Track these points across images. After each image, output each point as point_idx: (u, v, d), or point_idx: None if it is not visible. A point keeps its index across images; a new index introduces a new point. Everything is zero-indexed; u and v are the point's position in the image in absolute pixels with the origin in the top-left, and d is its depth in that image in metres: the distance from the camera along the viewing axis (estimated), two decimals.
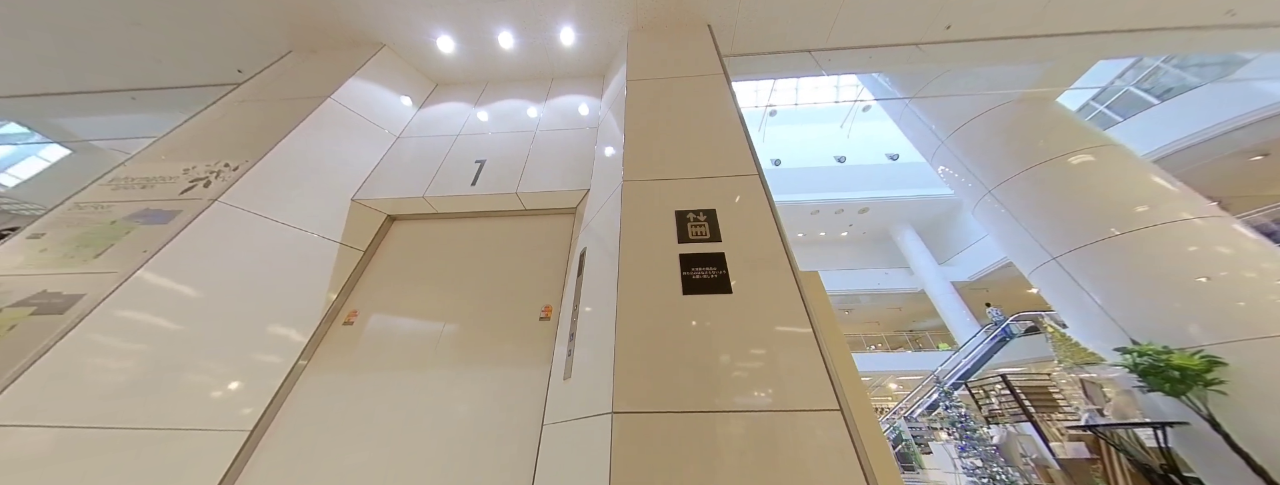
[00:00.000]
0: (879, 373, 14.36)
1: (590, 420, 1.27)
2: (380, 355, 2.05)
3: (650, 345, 1.32)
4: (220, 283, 1.83)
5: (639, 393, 1.21)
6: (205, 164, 2.11)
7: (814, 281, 1.67)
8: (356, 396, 1.90)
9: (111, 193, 1.99)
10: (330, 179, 2.47)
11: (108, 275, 1.58)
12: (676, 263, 1.53)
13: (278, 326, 1.99)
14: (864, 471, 1.05)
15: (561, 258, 2.34)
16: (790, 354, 1.28)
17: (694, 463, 1.08)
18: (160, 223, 1.78)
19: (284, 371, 1.94)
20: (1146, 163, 4.16)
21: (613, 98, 2.83)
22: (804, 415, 1.15)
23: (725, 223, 1.67)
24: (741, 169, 1.91)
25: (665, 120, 2.26)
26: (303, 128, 2.41)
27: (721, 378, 1.23)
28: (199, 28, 3.25)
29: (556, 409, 1.62)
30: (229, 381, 1.77)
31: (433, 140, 2.99)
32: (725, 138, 2.09)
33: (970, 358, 9.83)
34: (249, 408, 1.79)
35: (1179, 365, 2.65)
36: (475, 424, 1.76)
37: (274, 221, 2.09)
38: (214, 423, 1.67)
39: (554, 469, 1.45)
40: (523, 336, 2.02)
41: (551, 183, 2.53)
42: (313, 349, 2.07)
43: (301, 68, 3.09)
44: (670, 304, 1.42)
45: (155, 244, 1.69)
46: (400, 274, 2.43)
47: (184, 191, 1.94)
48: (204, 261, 1.81)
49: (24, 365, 1.32)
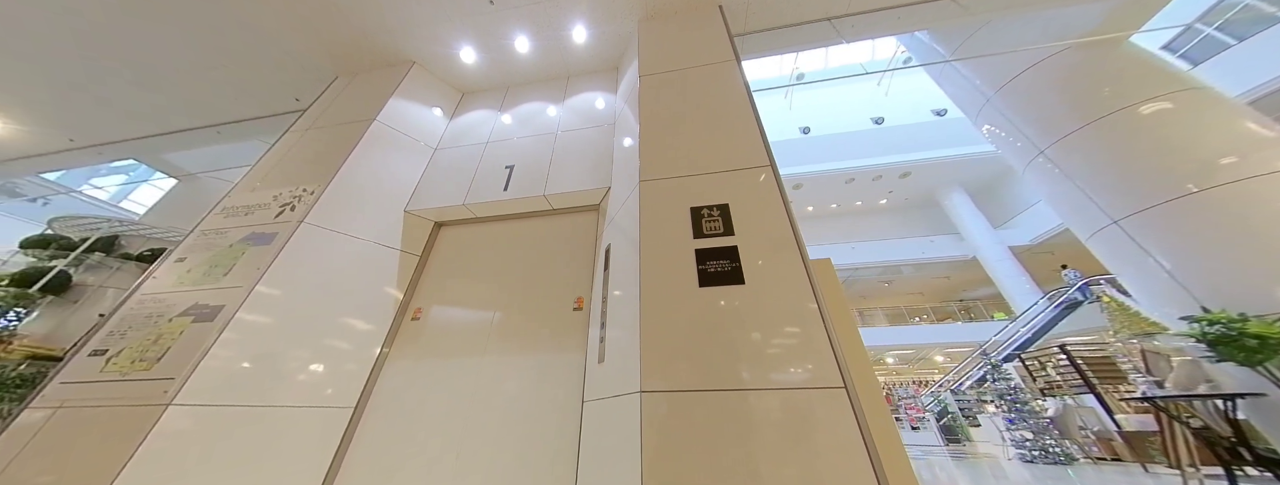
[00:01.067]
0: (922, 345, 13.81)
1: (623, 398, 1.49)
2: (443, 344, 2.41)
3: (671, 332, 1.49)
4: (313, 289, 2.22)
5: (663, 374, 1.40)
6: (289, 190, 2.49)
7: (825, 268, 1.74)
8: (428, 379, 2.27)
9: (224, 220, 2.43)
10: (385, 194, 2.81)
11: (236, 289, 1.99)
12: (692, 257, 1.67)
13: (360, 323, 2.38)
14: (866, 443, 1.18)
15: (589, 252, 2.55)
16: (799, 337, 1.41)
17: (714, 435, 1.26)
18: (265, 244, 2.18)
19: (371, 360, 2.34)
20: (1239, 105, 3.60)
21: (627, 91, 2.91)
22: (811, 392, 1.29)
23: (738, 216, 1.77)
24: (753, 161, 1.97)
25: (678, 115, 2.33)
26: (357, 150, 2.74)
27: (737, 360, 1.38)
28: (260, 65, 3.69)
29: (594, 388, 1.87)
30: (330, 369, 2.18)
31: (466, 149, 3.25)
32: (737, 128, 2.14)
33: (1030, 327, 9.22)
34: (349, 390, 2.21)
35: (1257, 333, 2.44)
36: (525, 401, 2.06)
37: (347, 235, 2.46)
38: (325, 402, 2.10)
39: (596, 439, 1.70)
40: (560, 325, 2.28)
41: (575, 183, 2.71)
42: (390, 340, 2.46)
43: (348, 92, 3.43)
44: (688, 296, 1.57)
45: (264, 262, 2.08)
46: (451, 274, 2.76)
47: (277, 216, 2.34)
48: (299, 273, 2.19)
49: (196, 360, 1.74)
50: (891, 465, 1.17)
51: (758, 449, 1.20)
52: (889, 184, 13.87)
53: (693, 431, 1.27)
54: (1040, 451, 5.05)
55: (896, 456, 1.25)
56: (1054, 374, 6.48)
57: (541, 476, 1.83)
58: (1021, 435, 5.41)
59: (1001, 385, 5.94)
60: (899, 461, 1.24)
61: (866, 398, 1.28)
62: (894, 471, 1.16)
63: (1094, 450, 5.11)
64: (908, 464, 1.24)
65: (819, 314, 1.44)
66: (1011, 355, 8.47)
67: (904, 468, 1.24)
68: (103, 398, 1.73)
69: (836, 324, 1.44)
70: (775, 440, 1.21)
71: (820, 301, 1.47)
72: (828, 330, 1.40)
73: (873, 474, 1.13)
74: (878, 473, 1.13)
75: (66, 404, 1.75)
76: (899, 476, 1.17)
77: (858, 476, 1.12)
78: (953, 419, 8.62)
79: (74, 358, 1.92)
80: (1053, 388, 6.25)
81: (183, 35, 3.49)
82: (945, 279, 14.71)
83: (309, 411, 2.02)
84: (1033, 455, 5.11)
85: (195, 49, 3.60)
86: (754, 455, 1.19)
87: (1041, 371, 6.81)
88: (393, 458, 2.03)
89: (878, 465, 1.14)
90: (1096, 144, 3.73)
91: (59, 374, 1.86)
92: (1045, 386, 6.45)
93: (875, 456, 1.16)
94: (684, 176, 1.98)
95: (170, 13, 3.30)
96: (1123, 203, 3.50)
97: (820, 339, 1.38)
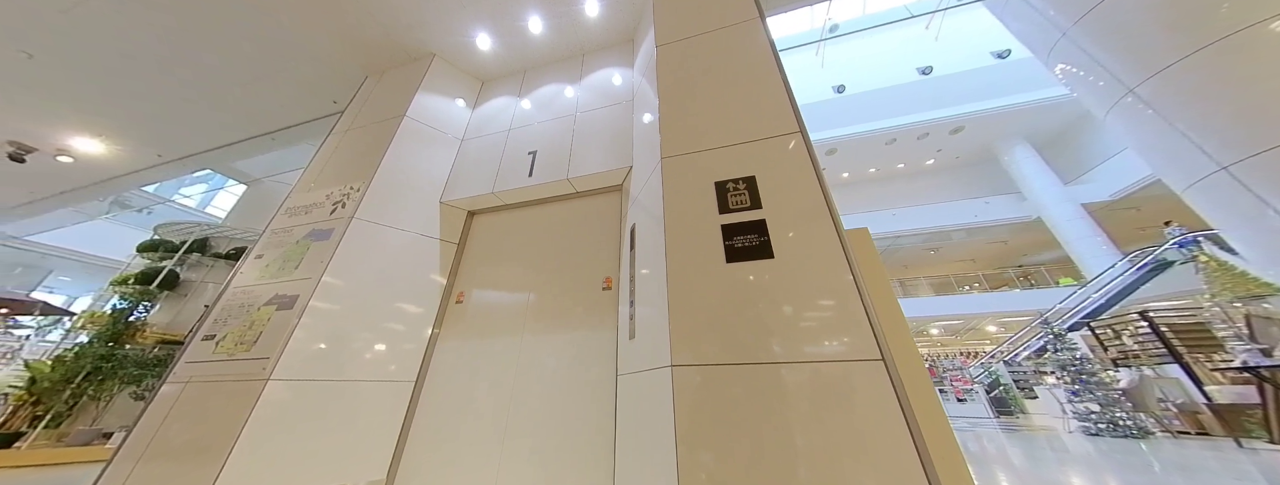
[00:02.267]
0: (972, 315, 12.96)
1: (655, 372, 1.54)
2: (485, 324, 2.59)
3: (700, 309, 1.50)
4: (369, 278, 2.44)
5: (693, 349, 1.42)
6: (338, 189, 2.70)
7: (861, 238, 1.65)
8: (474, 356, 2.47)
9: (289, 219, 2.69)
10: (421, 187, 2.96)
11: (307, 280, 2.23)
12: (719, 233, 1.64)
13: (412, 307, 2.60)
14: (905, 415, 1.16)
15: (614, 233, 2.58)
16: (833, 310, 1.37)
17: (747, 406, 1.28)
18: (324, 239, 2.40)
19: (424, 340, 2.58)
20: None
21: (644, 64, 2.80)
22: (846, 365, 1.27)
23: (766, 188, 1.70)
24: (781, 128, 1.85)
25: (699, 83, 2.22)
26: (392, 147, 2.88)
27: (768, 334, 1.38)
28: (300, 72, 3.94)
29: (626, 362, 1.95)
30: (391, 348, 2.43)
31: (489, 138, 3.32)
32: (763, 94, 2.01)
33: (1104, 292, 8.34)
34: (409, 366, 2.46)
35: None
36: (563, 374, 2.20)
37: (393, 228, 2.65)
38: (390, 377, 2.35)
39: (631, 410, 1.80)
40: (590, 304, 2.37)
41: (597, 164, 2.71)
42: (439, 322, 2.68)
43: (377, 91, 3.57)
44: (715, 272, 1.56)
45: (326, 256, 2.31)
46: (487, 259, 2.91)
47: (332, 213, 2.55)
48: (356, 264, 2.41)
49: (284, 342, 2.00)
50: (934, 437, 1.14)
51: (793, 421, 1.21)
52: (937, 141, 12.61)
53: (725, 403, 1.30)
54: (1108, 424, 4.70)
55: (939, 429, 1.22)
56: (1130, 343, 5.90)
57: (584, 438, 1.98)
58: (1086, 408, 5.05)
59: (1065, 355, 5.50)
60: (943, 434, 1.21)
61: (907, 370, 1.24)
62: (937, 443, 1.14)
63: (1175, 424, 4.69)
64: (952, 436, 1.20)
65: (854, 286, 1.38)
66: (1078, 324, 7.76)
67: (948, 440, 1.21)
68: (218, 374, 2.05)
69: (874, 295, 1.38)
70: (810, 412, 1.21)
71: (856, 273, 1.41)
72: (864, 302, 1.35)
73: (913, 446, 1.11)
74: (918, 445, 1.11)
75: (193, 379, 2.09)
76: (943, 448, 1.15)
77: (897, 448, 1.11)
78: (1005, 391, 8.18)
79: (192, 342, 2.27)
80: (1128, 358, 5.71)
81: (233, 52, 3.78)
82: (1002, 243, 13.49)
83: (378, 385, 2.29)
84: (1098, 428, 4.78)
85: (244, 64, 3.90)
86: (789, 426, 1.20)
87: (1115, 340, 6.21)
88: (452, 424, 2.27)
89: (918, 437, 1.12)
90: (1205, 75, 3.13)
91: (184, 355, 2.22)
92: (1118, 356, 5.90)
93: (915, 428, 1.13)
94: (707, 150, 1.91)
95: (221, 33, 3.58)
96: (1235, 144, 2.97)
97: (856, 311, 1.34)
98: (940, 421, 1.24)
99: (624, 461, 1.76)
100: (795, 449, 1.17)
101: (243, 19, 3.45)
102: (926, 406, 1.21)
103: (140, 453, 1.91)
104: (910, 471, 1.07)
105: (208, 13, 3.45)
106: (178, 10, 3.43)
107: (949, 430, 1.20)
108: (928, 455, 1.09)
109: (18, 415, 3.48)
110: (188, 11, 3.44)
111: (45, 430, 3.40)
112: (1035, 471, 2.83)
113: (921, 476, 1.06)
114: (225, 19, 3.47)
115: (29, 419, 3.46)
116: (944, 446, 1.16)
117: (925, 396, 1.25)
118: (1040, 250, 13.48)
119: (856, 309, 1.34)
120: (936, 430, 1.19)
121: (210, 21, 3.50)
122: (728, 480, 1.18)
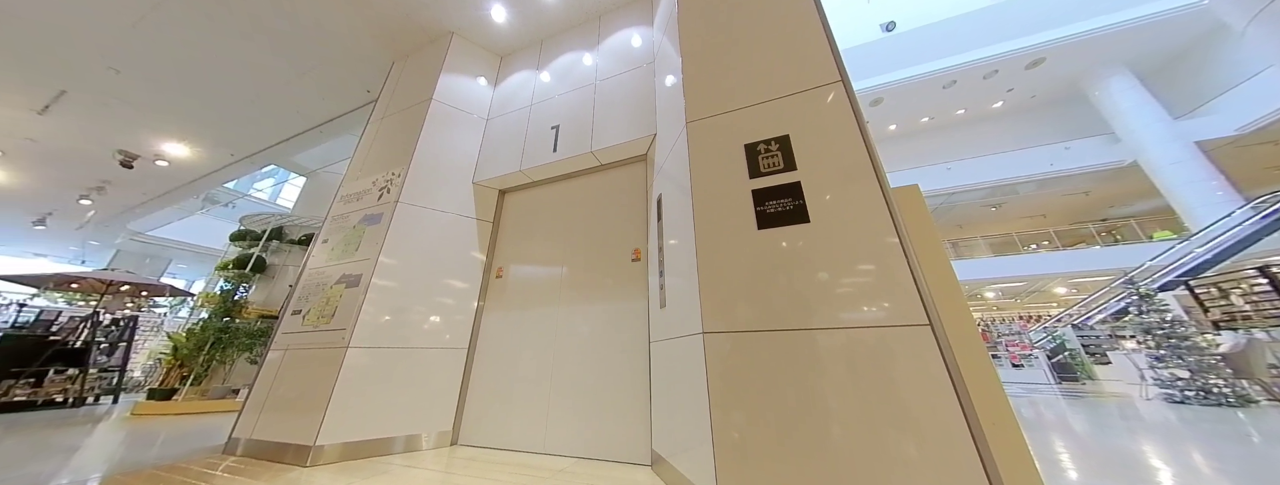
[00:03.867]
0: (1037, 276, 11.80)
1: (687, 339, 1.58)
2: (524, 296, 2.75)
3: (731, 276, 1.48)
4: (419, 257, 2.64)
5: (724, 316, 1.42)
6: (382, 175, 2.87)
7: (910, 196, 1.50)
8: (517, 326, 2.66)
9: (344, 206, 2.93)
10: (454, 168, 3.07)
11: (366, 261, 2.46)
12: (749, 199, 1.57)
13: (458, 282, 2.81)
14: (954, 383, 1.10)
15: (641, 204, 2.56)
16: (875, 274, 1.29)
17: (782, 374, 1.25)
18: (376, 224, 2.60)
19: (472, 312, 2.80)
20: None
21: (665, 19, 2.60)
22: (888, 331, 1.21)
23: (800, 148, 1.58)
24: (818, 78, 1.68)
25: (726, 34, 2.03)
26: (424, 132, 2.98)
27: (804, 300, 1.34)
28: (334, 63, 4.12)
29: (658, 330, 2.01)
30: (444, 320, 2.66)
31: (513, 116, 3.32)
32: (798, 40, 1.81)
33: (1211, 246, 7.22)
34: (461, 335, 2.70)
35: None
36: (599, 342, 2.32)
37: (433, 209, 2.80)
38: (446, 345, 2.61)
39: (665, 375, 1.87)
40: (621, 275, 2.42)
41: (619, 135, 2.64)
42: (483, 295, 2.88)
43: (405, 76, 3.64)
44: (746, 239, 1.51)
45: (380, 238, 2.51)
46: (520, 236, 3.03)
47: (379, 198, 2.74)
48: (406, 244, 2.61)
49: (355, 316, 2.26)
50: (986, 406, 1.09)
51: (828, 387, 1.20)
52: (1008, 79, 10.89)
53: (756, 369, 1.31)
54: (1197, 392, 4.24)
55: (992, 397, 1.15)
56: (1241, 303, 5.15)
57: (621, 399, 2.12)
58: (1171, 374, 4.56)
59: (1152, 318, 4.91)
60: (997, 402, 1.14)
61: (958, 335, 1.17)
62: (988, 410, 1.08)
63: None
64: (1007, 405, 1.13)
65: (900, 248, 1.29)
66: (1173, 283, 6.84)
67: (1002, 409, 1.14)
68: (308, 343, 2.38)
69: (923, 257, 1.28)
70: (848, 379, 1.19)
71: (902, 234, 1.31)
72: (911, 265, 1.26)
73: (961, 412, 1.07)
74: (967, 413, 1.07)
75: (289, 348, 2.45)
76: (996, 417, 1.09)
77: (943, 416, 1.07)
78: (1070, 356, 7.57)
79: (285, 316, 2.62)
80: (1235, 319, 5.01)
81: (276, 52, 3.99)
82: (1083, 195, 11.84)
83: (438, 351, 2.55)
84: (1185, 395, 4.33)
85: (287, 60, 4.12)
86: (824, 392, 1.20)
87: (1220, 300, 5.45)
88: (503, 385, 2.51)
89: (967, 405, 1.08)
90: None
91: (279, 327, 2.59)
92: (1223, 318, 5.19)
93: (964, 396, 1.08)
94: (736, 111, 1.78)
95: (262, 32, 3.77)
96: None
97: (901, 274, 1.26)
98: (994, 389, 1.17)
99: (660, 420, 1.87)
100: (831, 414, 1.17)
101: (278, 14, 3.58)
102: (978, 373, 1.14)
103: (261, 405, 2.31)
104: (958, 441, 1.04)
105: (248, 11, 3.60)
106: (221, 13, 3.61)
107: (1004, 399, 1.13)
108: (978, 424, 1.05)
109: (170, 375, 4.32)
110: (230, 13, 3.62)
111: (191, 388, 4.22)
112: (1100, 439, 2.65)
113: (970, 446, 1.03)
114: (262, 15, 3.62)
115: (178, 378, 4.30)
116: (997, 415, 1.11)
117: (978, 363, 1.17)
118: (1132, 200, 11.72)
119: (902, 273, 1.26)
120: (989, 399, 1.13)
121: (251, 20, 3.67)
122: (760, 441, 1.22)
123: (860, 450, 1.10)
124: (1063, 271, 11.01)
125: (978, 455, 1.02)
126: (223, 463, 2.02)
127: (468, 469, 1.91)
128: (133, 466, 1.94)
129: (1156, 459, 2.15)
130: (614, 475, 1.79)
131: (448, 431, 2.44)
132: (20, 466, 1.93)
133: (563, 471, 1.85)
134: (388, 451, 2.19)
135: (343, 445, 2.05)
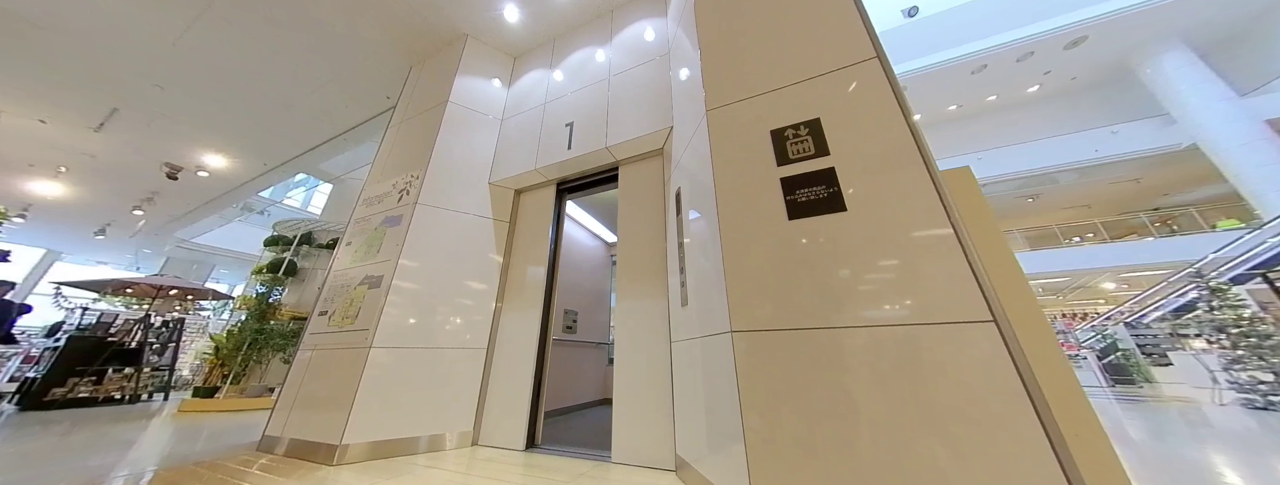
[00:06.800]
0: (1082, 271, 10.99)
1: (712, 338, 1.48)
2: (540, 298, 2.70)
3: (760, 272, 1.37)
4: (439, 258, 2.64)
5: (752, 315, 1.31)
6: (402, 178, 2.90)
7: (962, 179, 1.35)
8: (534, 326, 2.61)
9: (366, 209, 2.98)
10: (470, 169, 3.08)
11: (388, 262, 2.48)
12: (778, 188, 1.46)
13: (477, 284, 2.80)
14: (1027, 387, 0.97)
15: (659, 200, 2.47)
16: (925, 265, 1.16)
17: (820, 376, 1.14)
18: (397, 225, 2.62)
19: (490, 312, 2.78)
20: None
21: (679, 8, 2.51)
22: (944, 328, 1.08)
23: (833, 131, 1.46)
24: (852, 55, 1.55)
25: (747, 14, 1.92)
26: (441, 134, 3.00)
27: (842, 295, 1.22)
28: (355, 70, 4.23)
29: (679, 330, 1.92)
30: (465, 321, 2.66)
31: (527, 115, 3.30)
32: (826, 13, 1.68)
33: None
34: (481, 335, 2.69)
35: None
36: (618, 341, 2.23)
37: (451, 210, 2.81)
38: (467, 344, 2.60)
39: (686, 375, 1.78)
40: (639, 274, 2.34)
41: (635, 129, 2.57)
42: (500, 296, 2.86)
43: (422, 80, 3.69)
44: (776, 232, 1.40)
45: (400, 239, 2.53)
46: (537, 235, 2.99)
47: (399, 200, 2.77)
48: (426, 246, 2.62)
49: (377, 316, 2.27)
50: (1064, 412, 0.95)
51: (877, 389, 1.09)
52: (1045, 61, 10.19)
53: (792, 369, 1.20)
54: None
55: (1072, 402, 1.00)
56: None
57: (641, 401, 2.04)
58: (1251, 377, 4.10)
59: (1225, 314, 4.44)
60: (1078, 408, 0.99)
61: (1028, 333, 1.03)
62: (1069, 419, 0.94)
63: None
64: (1090, 410, 0.99)
65: (955, 237, 1.16)
66: (1247, 275, 6.20)
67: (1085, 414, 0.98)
68: (334, 343, 2.41)
69: (981, 247, 1.15)
70: (901, 380, 1.07)
71: (955, 222, 1.17)
72: (968, 254, 1.13)
73: (1037, 419, 0.93)
74: (1044, 418, 0.93)
75: (318, 347, 2.49)
76: (1077, 424, 0.95)
77: (1015, 422, 0.94)
78: (1123, 356, 6.98)
79: (313, 317, 2.68)
80: None
81: (301, 60, 4.13)
82: (1133, 182, 10.96)
83: (458, 352, 2.54)
84: (1269, 401, 3.88)
85: (313, 69, 4.27)
86: (872, 395, 1.08)
87: None
88: (521, 384, 2.47)
89: (1043, 410, 0.94)
90: None
91: (308, 328, 2.64)
92: None
93: (1039, 400, 0.95)
94: (759, 96, 1.68)
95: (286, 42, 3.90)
96: None
97: (957, 266, 1.13)
98: (1074, 395, 1.02)
99: (683, 423, 1.78)
100: (881, 420, 1.05)
101: (300, 23, 3.70)
102: (1055, 376, 1.00)
103: (292, 403, 2.36)
104: (1036, 452, 0.91)
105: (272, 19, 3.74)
106: (248, 25, 3.77)
107: (1087, 405, 0.99)
108: (1058, 434, 0.92)
109: (213, 374, 4.55)
110: (260, 26, 3.76)
111: (231, 386, 4.42)
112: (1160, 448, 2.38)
113: (1051, 459, 0.89)
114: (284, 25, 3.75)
115: (220, 376, 4.51)
116: (1080, 424, 0.97)
117: (1053, 364, 1.03)
118: (1189, 187, 10.77)
119: (958, 263, 1.13)
120: (1069, 405, 0.98)
121: (276, 30, 3.81)
122: (799, 449, 1.11)
123: (917, 460, 0.99)
124: (1111, 265, 10.21)
125: (1060, 469, 0.88)
126: (257, 461, 2.07)
127: (487, 470, 1.88)
128: (177, 461, 2.04)
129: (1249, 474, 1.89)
130: (635, 481, 1.72)
131: (468, 432, 2.43)
132: (85, 459, 2.09)
133: (583, 475, 1.78)
134: (412, 451, 2.18)
135: (369, 444, 2.06)
